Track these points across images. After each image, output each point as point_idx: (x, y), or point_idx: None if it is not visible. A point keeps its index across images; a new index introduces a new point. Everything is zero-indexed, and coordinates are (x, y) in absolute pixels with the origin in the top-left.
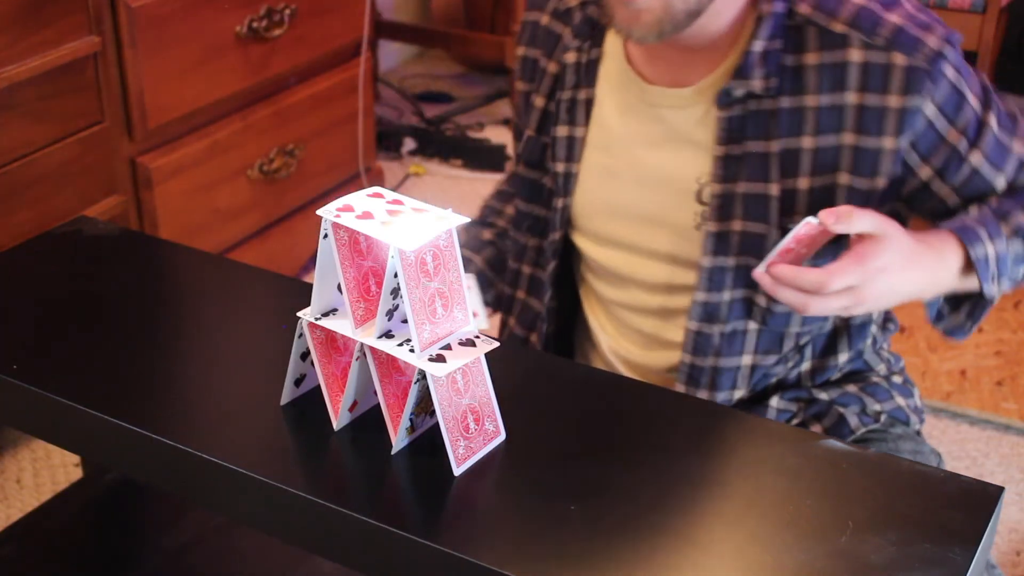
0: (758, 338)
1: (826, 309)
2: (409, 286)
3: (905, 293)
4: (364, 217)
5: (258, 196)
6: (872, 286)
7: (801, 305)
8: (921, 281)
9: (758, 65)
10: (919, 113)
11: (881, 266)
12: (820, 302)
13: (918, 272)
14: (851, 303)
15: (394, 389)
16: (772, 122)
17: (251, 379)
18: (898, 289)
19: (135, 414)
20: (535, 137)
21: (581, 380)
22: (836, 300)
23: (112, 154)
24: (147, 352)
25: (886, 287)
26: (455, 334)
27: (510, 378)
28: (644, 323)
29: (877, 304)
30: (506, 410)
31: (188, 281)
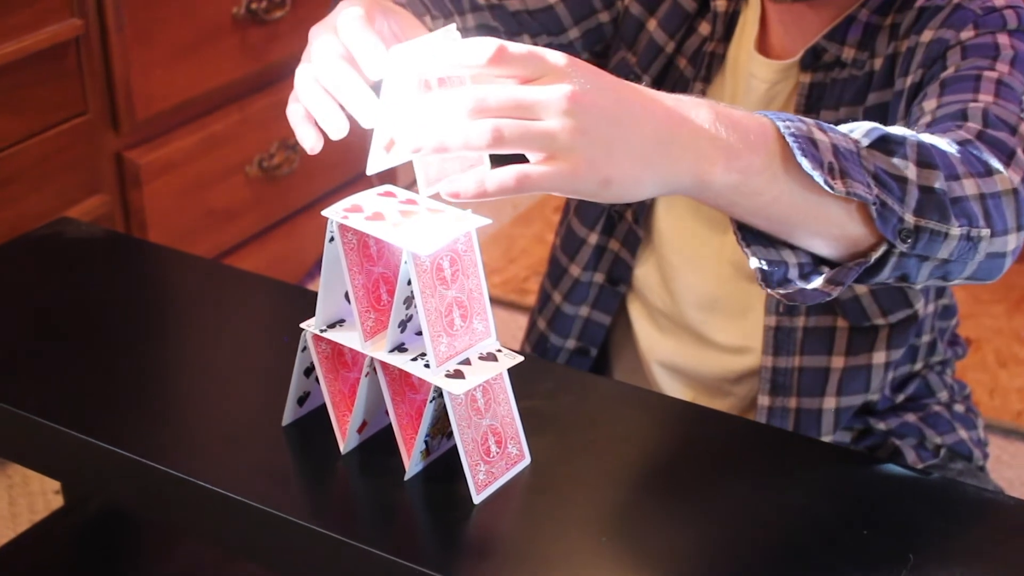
0: (850, 337)
1: (485, 135)
2: (424, 294)
3: (644, 150)
4: (374, 218)
5: (257, 195)
6: (575, 105)
7: (439, 139)
8: (679, 133)
9: (856, 32)
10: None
11: (594, 72)
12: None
13: (667, 114)
14: (540, 136)
15: (407, 408)
16: (845, 92)
17: (249, 397)
18: (630, 134)
19: (121, 436)
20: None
21: (615, 397)
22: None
23: (96, 149)
24: (135, 368)
25: (601, 113)
26: (475, 347)
27: (536, 396)
28: (700, 318)
29: (590, 150)
30: (531, 431)
31: (180, 289)
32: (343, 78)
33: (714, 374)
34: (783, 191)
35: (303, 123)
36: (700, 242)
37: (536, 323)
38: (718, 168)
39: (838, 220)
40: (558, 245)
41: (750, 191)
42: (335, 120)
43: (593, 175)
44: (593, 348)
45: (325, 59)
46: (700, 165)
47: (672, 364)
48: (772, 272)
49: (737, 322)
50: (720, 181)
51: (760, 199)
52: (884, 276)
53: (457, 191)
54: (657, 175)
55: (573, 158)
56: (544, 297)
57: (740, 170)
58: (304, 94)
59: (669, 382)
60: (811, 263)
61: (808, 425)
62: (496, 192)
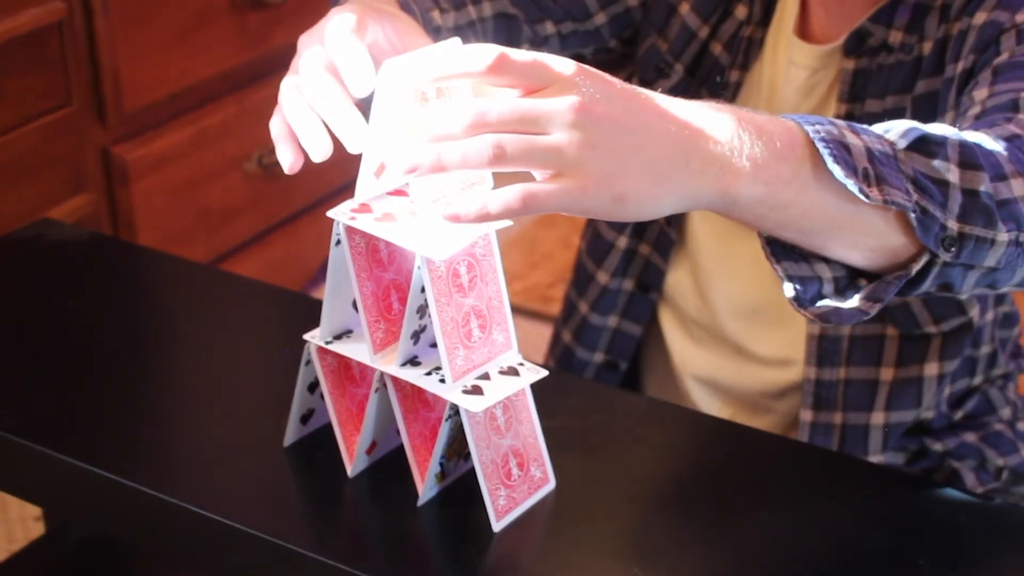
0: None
1: (484, 151)
2: (439, 303)
3: (660, 163)
4: (384, 219)
5: (257, 194)
6: (584, 116)
7: (434, 156)
8: (698, 144)
9: (903, 14)
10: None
11: (603, 80)
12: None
13: (685, 124)
14: (546, 152)
15: (421, 428)
16: (891, 80)
17: (248, 416)
18: (644, 146)
19: (108, 457)
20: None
21: (646, 415)
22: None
23: (80, 143)
24: (123, 383)
25: (612, 124)
26: (494, 361)
27: (561, 413)
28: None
29: (601, 165)
30: (556, 452)
31: (172, 297)
32: (328, 97)
33: (753, 389)
34: (814, 201)
35: (283, 140)
36: (737, 245)
37: (561, 335)
38: (743, 180)
39: (875, 230)
40: (584, 250)
41: (779, 203)
42: (318, 142)
43: (605, 192)
44: (623, 361)
45: (311, 74)
46: (723, 178)
47: (708, 378)
48: (805, 289)
49: (778, 332)
50: (746, 194)
51: (790, 211)
52: (926, 287)
53: (456, 214)
54: (675, 190)
55: (582, 174)
56: (569, 306)
57: (767, 181)
58: (287, 110)
59: (705, 398)
60: (846, 276)
61: (854, 443)
62: (500, 214)
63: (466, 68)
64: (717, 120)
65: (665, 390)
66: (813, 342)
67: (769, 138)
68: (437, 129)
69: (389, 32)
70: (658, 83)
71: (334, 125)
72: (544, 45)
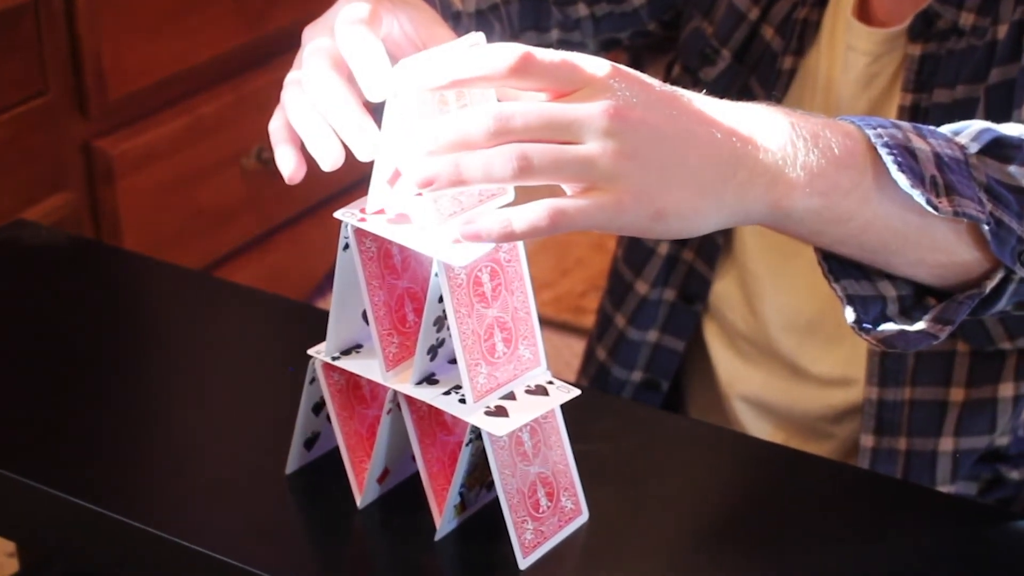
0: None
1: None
2: (459, 314)
3: (705, 174)
4: (398, 221)
5: (256, 193)
6: (619, 123)
7: (452, 170)
8: (747, 152)
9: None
10: None
11: (640, 82)
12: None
13: (732, 130)
14: (577, 163)
15: (438, 453)
16: (962, 67)
17: (247, 440)
18: (687, 155)
19: (90, 486)
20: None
21: (690, 440)
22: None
23: (59, 136)
24: (105, 404)
25: (650, 132)
26: (521, 379)
27: (595, 437)
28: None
29: (639, 178)
30: (589, 481)
31: (161, 307)
32: (336, 99)
33: (809, 411)
34: (877, 214)
35: (285, 145)
36: (791, 250)
37: (595, 350)
38: (797, 192)
39: (945, 245)
40: (621, 256)
41: (837, 217)
42: (327, 149)
43: (643, 207)
44: (664, 380)
45: (317, 72)
46: (775, 189)
47: (758, 399)
48: (866, 311)
49: (836, 348)
50: (801, 207)
51: (850, 225)
52: (1001, 306)
53: (477, 233)
54: (722, 204)
55: (618, 188)
56: (604, 319)
57: (824, 192)
58: (292, 113)
59: (755, 421)
60: (913, 295)
61: (920, 471)
62: (526, 233)
63: (486, 71)
64: (768, 124)
65: (710, 412)
66: (875, 360)
67: (826, 144)
68: (456, 137)
69: (405, 23)
70: (703, 70)
71: (343, 131)
72: (575, 30)
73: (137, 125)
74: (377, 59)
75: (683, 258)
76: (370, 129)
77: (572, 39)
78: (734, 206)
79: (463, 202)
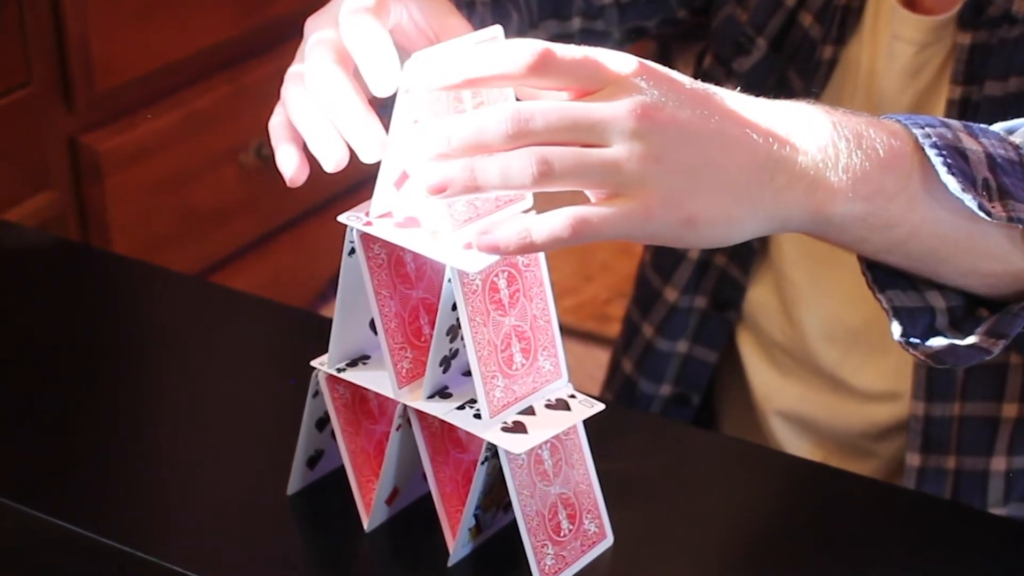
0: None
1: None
2: (473, 323)
3: (739, 179)
4: (407, 225)
5: (255, 192)
6: (647, 124)
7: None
8: (785, 155)
9: None
10: None
11: (669, 79)
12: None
13: (769, 130)
14: (601, 168)
15: (452, 472)
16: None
17: (245, 459)
18: (720, 159)
19: (78, 510)
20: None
21: (723, 458)
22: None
23: (43, 131)
24: (93, 420)
25: (680, 133)
26: (540, 392)
27: (621, 456)
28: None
29: (667, 183)
30: (614, 502)
31: (153, 315)
32: (341, 97)
33: (850, 427)
34: (925, 220)
35: (286, 144)
36: (832, 255)
37: (621, 363)
38: (839, 197)
39: (998, 252)
40: (648, 261)
41: (882, 223)
42: (330, 150)
43: (672, 215)
44: (695, 394)
45: (320, 68)
46: (815, 195)
47: (796, 415)
48: (914, 323)
49: (880, 359)
50: (843, 213)
51: (896, 232)
52: None
53: (495, 244)
54: (757, 211)
55: (645, 194)
56: (631, 329)
57: (868, 196)
58: (293, 110)
59: (792, 438)
60: (963, 306)
61: (971, 492)
62: (546, 244)
63: (502, 69)
64: (807, 124)
65: (744, 428)
66: (922, 372)
67: (870, 144)
68: (470, 139)
69: (414, 12)
70: (736, 61)
71: (347, 131)
72: (599, 18)
73: (127, 119)
74: (383, 52)
75: (715, 263)
76: (376, 129)
77: (595, 28)
78: (771, 213)
79: (479, 207)
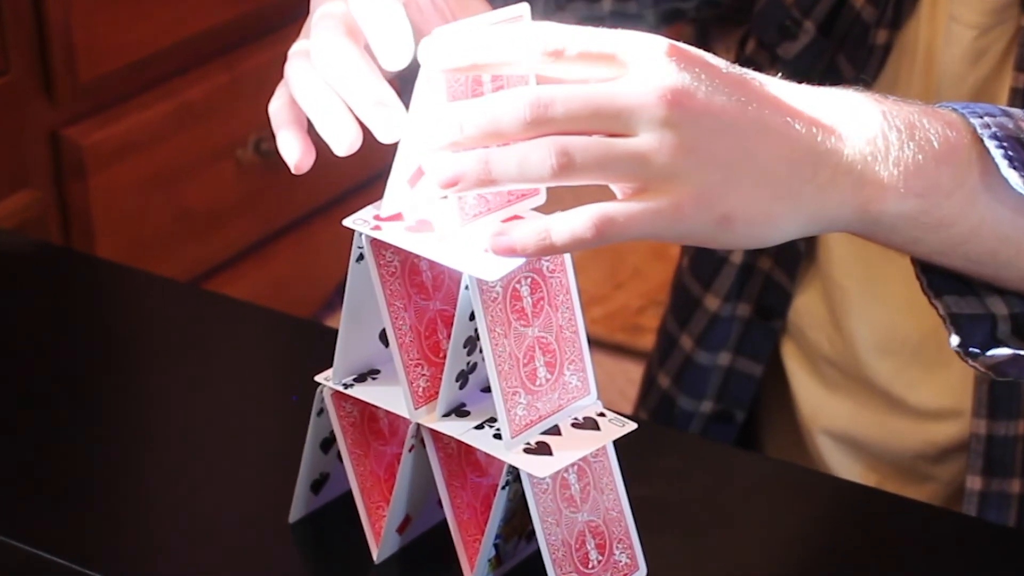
0: None
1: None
2: (493, 334)
3: (779, 173)
4: (419, 229)
5: (254, 191)
6: (678, 112)
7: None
8: (829, 147)
9: None
10: None
11: (702, 62)
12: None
13: (812, 120)
14: (628, 159)
15: (469, 498)
16: None
17: (243, 482)
18: (758, 151)
19: (62, 539)
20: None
21: (766, 481)
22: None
23: (22, 124)
24: (77, 441)
25: (715, 122)
26: (567, 410)
27: (656, 479)
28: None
29: (701, 176)
30: (648, 531)
31: (143, 325)
32: (351, 71)
33: (906, 448)
34: (984, 219)
35: (289, 127)
36: (884, 258)
37: (656, 378)
38: (889, 193)
39: None
40: (686, 266)
41: (937, 222)
42: (340, 129)
43: (706, 213)
44: (738, 411)
45: (327, 42)
46: (863, 190)
47: (846, 434)
48: (973, 331)
49: (938, 374)
50: (894, 211)
51: (952, 232)
52: None
53: (511, 246)
54: (799, 208)
55: (676, 189)
56: (667, 340)
57: (922, 193)
58: (297, 89)
59: (842, 460)
60: None
61: None
62: (568, 246)
63: (515, 55)
64: (854, 113)
65: (790, 449)
66: (983, 387)
67: (924, 135)
68: (484, 128)
69: None
70: (782, 46)
71: (359, 107)
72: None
73: (113, 111)
74: (396, 23)
75: (759, 267)
76: (392, 103)
77: (627, 10)
78: (814, 210)
79: (490, 200)
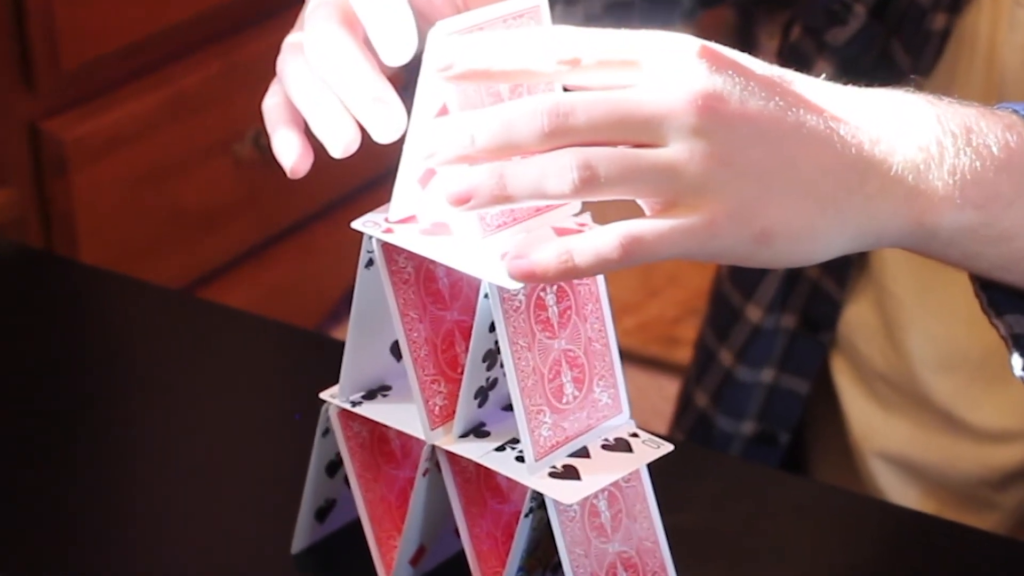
0: None
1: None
2: (515, 347)
3: (823, 185)
4: (437, 231)
5: (252, 189)
6: (710, 118)
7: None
8: (878, 156)
9: None
10: None
11: (736, 64)
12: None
13: (858, 127)
14: (656, 172)
15: (489, 527)
16: None
17: (242, 509)
18: (799, 161)
19: (50, 569)
20: None
21: (815, 508)
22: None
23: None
24: (61, 464)
25: (751, 129)
26: (596, 430)
27: (694, 506)
28: (946, 387)
29: (737, 189)
30: (685, 563)
31: (131, 335)
32: (348, 66)
33: (968, 473)
34: None
35: (284, 128)
36: (943, 267)
37: (693, 395)
38: (945, 205)
39: None
40: (726, 273)
41: (997, 235)
42: (337, 129)
43: (743, 228)
44: (784, 432)
45: (323, 34)
46: (915, 202)
47: (902, 457)
48: None
49: (1002, 392)
50: (950, 224)
51: (1014, 245)
52: None
53: (530, 270)
54: (846, 222)
55: (710, 204)
56: (705, 355)
57: (980, 203)
58: (291, 85)
59: (897, 485)
60: None
61: None
62: (592, 268)
63: (526, 63)
64: (906, 116)
65: (841, 473)
66: None
67: (981, 140)
68: (499, 139)
69: None
70: (830, 32)
71: (356, 106)
72: None
73: (98, 102)
74: (398, 13)
75: (806, 275)
76: (391, 101)
77: None
78: (862, 225)
79: (515, 211)
